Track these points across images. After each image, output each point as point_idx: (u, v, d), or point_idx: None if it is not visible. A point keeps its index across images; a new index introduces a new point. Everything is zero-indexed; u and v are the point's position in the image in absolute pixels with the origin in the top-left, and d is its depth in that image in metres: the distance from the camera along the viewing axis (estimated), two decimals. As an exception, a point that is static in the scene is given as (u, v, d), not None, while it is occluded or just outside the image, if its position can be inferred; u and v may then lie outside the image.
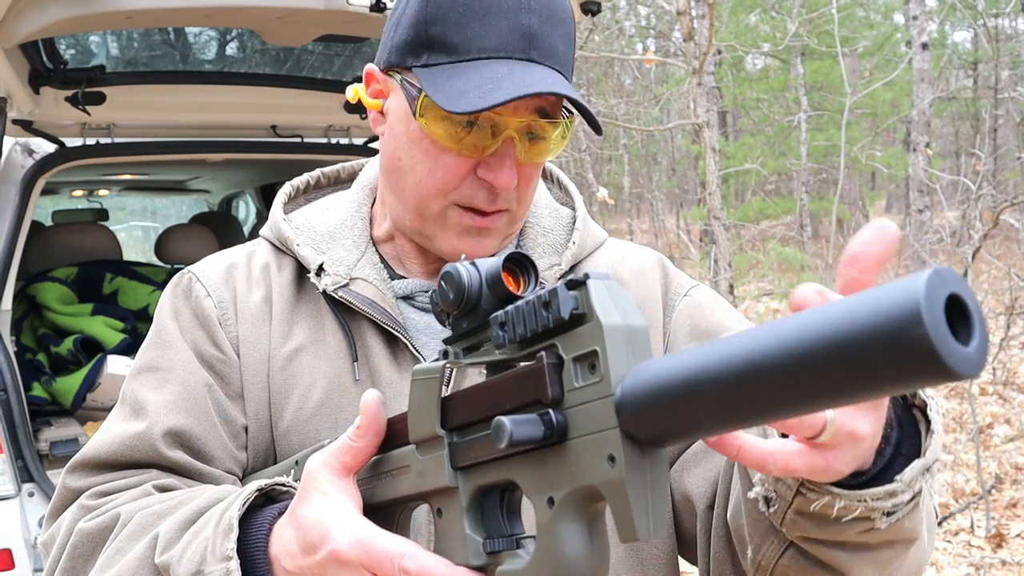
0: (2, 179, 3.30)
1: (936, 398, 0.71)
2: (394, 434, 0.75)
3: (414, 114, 0.93)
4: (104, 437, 0.98)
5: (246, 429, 1.00)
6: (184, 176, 5.36)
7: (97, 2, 2.17)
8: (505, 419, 0.57)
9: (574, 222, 1.10)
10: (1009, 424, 5.90)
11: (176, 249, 4.28)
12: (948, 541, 4.27)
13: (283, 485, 0.83)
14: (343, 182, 1.18)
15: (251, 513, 0.81)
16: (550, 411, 0.58)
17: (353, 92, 1.02)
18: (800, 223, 15.15)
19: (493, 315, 0.63)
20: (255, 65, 3.47)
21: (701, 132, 7.92)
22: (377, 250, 1.06)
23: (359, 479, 0.77)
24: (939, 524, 4.42)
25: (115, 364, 3.33)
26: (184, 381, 0.99)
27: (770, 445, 0.60)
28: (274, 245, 1.08)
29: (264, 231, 1.10)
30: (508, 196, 0.96)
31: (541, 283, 0.78)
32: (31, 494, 2.72)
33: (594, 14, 2.66)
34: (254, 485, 0.82)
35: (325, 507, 0.73)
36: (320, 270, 1.01)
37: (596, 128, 0.93)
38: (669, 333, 1.04)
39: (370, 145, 3.81)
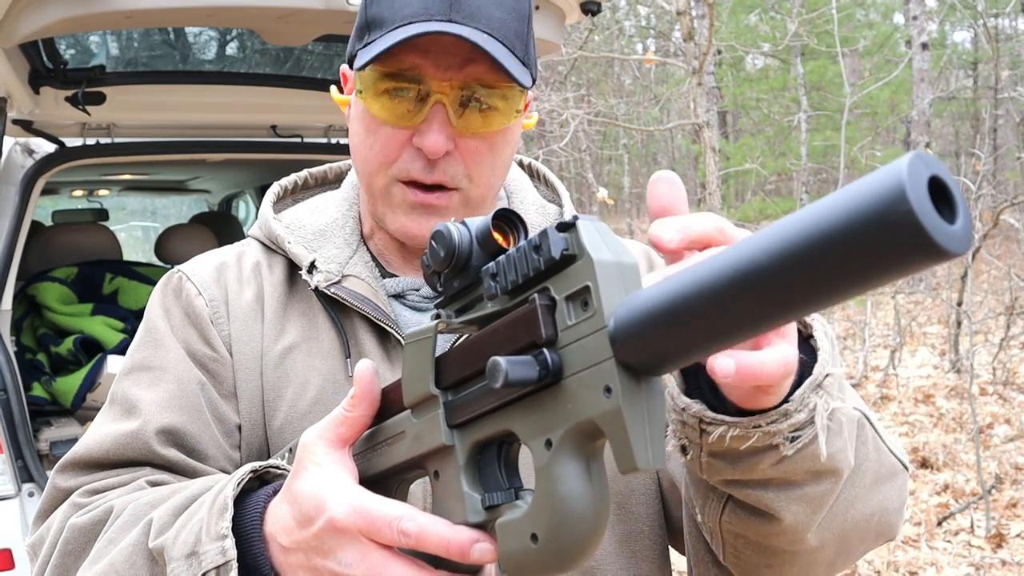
0: (2, 179, 3.30)
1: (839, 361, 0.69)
2: (388, 404, 0.74)
3: (356, 92, 0.95)
4: (95, 436, 0.96)
5: (239, 428, 0.99)
6: (184, 176, 5.36)
7: (97, 2, 2.17)
8: (500, 359, 0.55)
9: (561, 217, 1.08)
10: (1009, 424, 5.90)
11: (176, 249, 4.27)
12: (948, 541, 4.27)
13: (277, 467, 0.82)
14: (330, 183, 1.18)
15: (246, 495, 0.80)
16: (544, 351, 0.57)
17: (332, 95, 1.04)
18: (800, 223, 15.15)
19: (484, 267, 0.62)
20: (255, 65, 3.47)
21: (701, 132, 7.92)
22: (368, 248, 1.06)
23: (355, 453, 0.76)
24: (939, 524, 4.42)
25: (115, 364, 3.33)
26: (177, 380, 0.98)
27: (755, 354, 0.59)
28: (264, 244, 1.08)
29: (254, 230, 1.10)
30: (453, 172, 0.95)
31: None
32: (31, 494, 2.72)
33: (594, 14, 2.66)
34: (248, 467, 0.81)
35: (320, 478, 0.71)
36: (312, 267, 1.01)
37: (521, 82, 0.91)
38: None
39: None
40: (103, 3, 2.18)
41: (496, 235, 0.63)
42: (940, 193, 0.41)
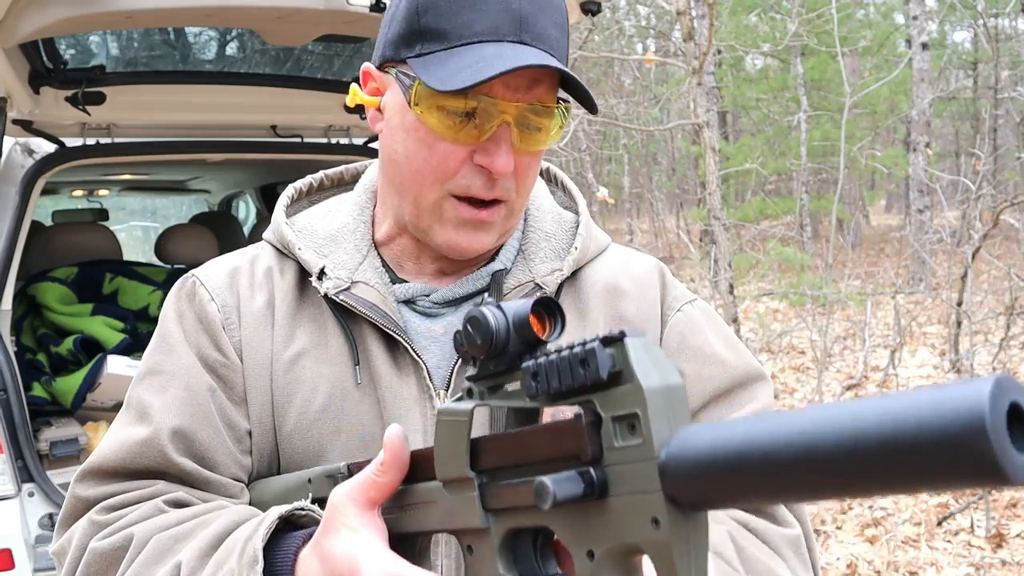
0: (2, 179, 3.29)
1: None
2: (417, 466, 0.75)
3: (409, 104, 0.93)
4: (111, 443, 0.98)
5: (250, 434, 1.01)
6: (184, 176, 5.36)
7: (97, 2, 2.17)
8: (547, 480, 0.57)
9: (577, 226, 1.09)
10: (1009, 424, 5.91)
11: (176, 249, 4.27)
12: (948, 541, 4.27)
13: (302, 509, 0.84)
14: (346, 184, 1.18)
15: (273, 538, 0.82)
16: (590, 469, 0.58)
17: (352, 93, 1.02)
18: (800, 223, 15.15)
19: (525, 364, 0.63)
20: (255, 65, 3.47)
21: (701, 132, 7.92)
22: (379, 253, 1.06)
23: (383, 507, 0.78)
24: (939, 524, 4.42)
25: (115, 364, 3.33)
26: (187, 386, 0.99)
27: None
28: (277, 248, 1.08)
29: (267, 234, 1.10)
30: (506, 185, 0.95)
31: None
32: (31, 494, 2.72)
33: (594, 14, 2.66)
34: (275, 512, 0.83)
35: (353, 541, 0.74)
36: (322, 274, 1.01)
37: (592, 108, 0.92)
38: (662, 346, 1.05)
39: (370, 145, 3.80)
40: (103, 3, 2.18)
41: (534, 323, 0.64)
42: (1017, 417, 0.41)
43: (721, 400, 1.03)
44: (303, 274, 1.05)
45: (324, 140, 3.76)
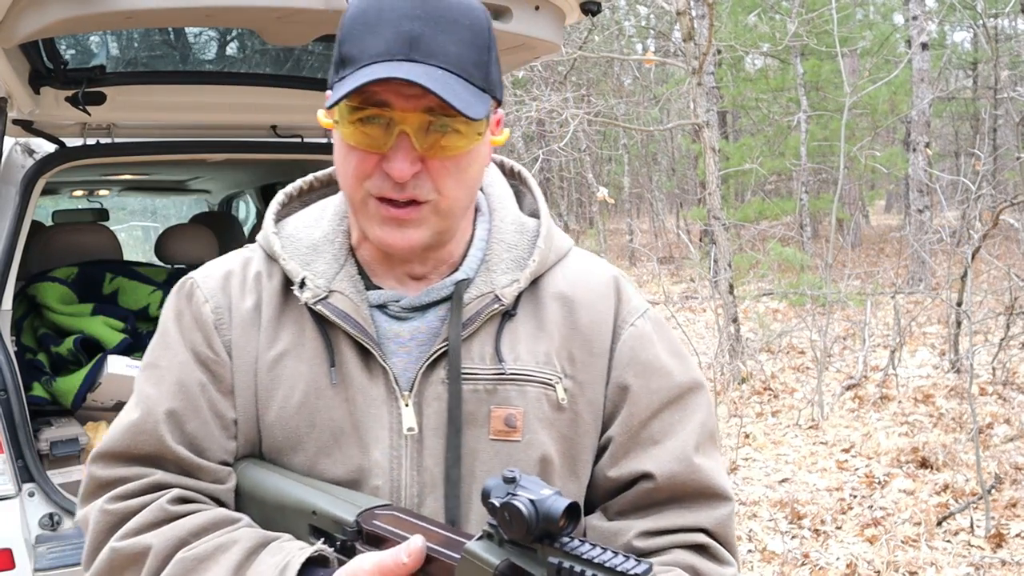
0: (2, 179, 3.29)
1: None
2: (436, 568, 0.93)
3: (335, 123, 1.05)
4: (117, 428, 1.12)
5: (235, 422, 1.13)
6: (184, 176, 5.36)
7: (97, 2, 2.17)
8: None
9: (538, 235, 1.17)
10: (1009, 424, 5.90)
11: (176, 249, 4.27)
12: (948, 541, 4.27)
13: (323, 551, 1.00)
14: (334, 183, 1.26)
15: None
16: None
17: (319, 118, 1.11)
18: (800, 223, 15.15)
19: (550, 560, 0.81)
20: (255, 65, 3.47)
21: (701, 132, 7.92)
22: (356, 260, 1.16)
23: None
24: (939, 524, 4.42)
25: (115, 364, 3.33)
26: (179, 380, 1.12)
27: None
28: (266, 253, 1.19)
29: (259, 238, 1.20)
30: (422, 188, 1.04)
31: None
32: (31, 494, 2.72)
33: (594, 14, 2.66)
34: (299, 558, 0.98)
35: None
36: (302, 283, 1.12)
37: (468, 115, 0.99)
38: (613, 358, 1.15)
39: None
40: (103, 3, 2.18)
41: (561, 521, 0.81)
42: None
43: (668, 408, 1.14)
44: (287, 280, 1.15)
45: (324, 140, 3.76)
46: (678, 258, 16.52)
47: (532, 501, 0.81)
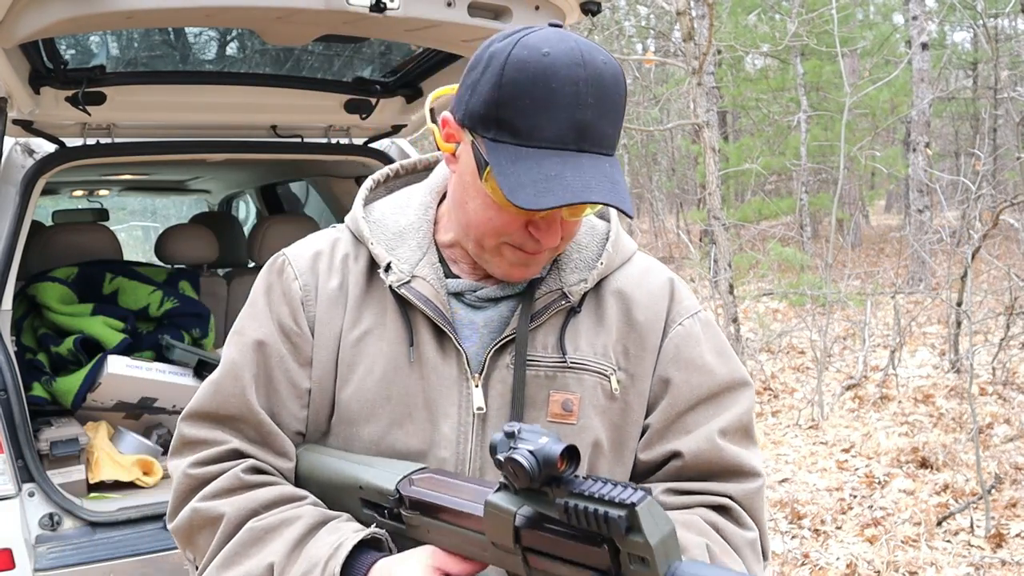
0: (2, 179, 3.29)
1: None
2: (466, 519, 1.02)
3: (480, 177, 1.11)
4: (207, 391, 1.22)
5: (309, 392, 1.22)
6: (184, 176, 5.36)
7: (97, 2, 2.17)
8: None
9: (607, 240, 1.27)
10: (1009, 424, 5.90)
11: (176, 249, 4.26)
12: (948, 541, 4.27)
13: (376, 535, 1.10)
14: (419, 172, 1.38)
15: (353, 552, 1.07)
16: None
17: (436, 137, 1.18)
18: (800, 223, 15.15)
19: (557, 500, 0.88)
20: (255, 65, 3.46)
21: (701, 132, 7.92)
22: (438, 249, 1.26)
23: (423, 514, 1.07)
24: (939, 524, 4.42)
25: (115, 364, 3.33)
26: (262, 350, 1.22)
27: None
28: (354, 235, 1.28)
29: (348, 220, 1.30)
30: (555, 241, 1.14)
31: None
32: (31, 494, 2.72)
33: (594, 14, 2.66)
34: (352, 540, 1.06)
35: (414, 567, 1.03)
36: (388, 267, 1.21)
37: (627, 215, 1.08)
38: (661, 353, 1.24)
39: (370, 145, 3.80)
40: (103, 3, 2.18)
41: (560, 464, 0.88)
42: None
43: (705, 403, 1.23)
44: (373, 263, 1.24)
45: (324, 140, 3.75)
46: (678, 258, 16.51)
47: (531, 451, 0.88)
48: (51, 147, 3.28)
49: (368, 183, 1.34)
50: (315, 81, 3.40)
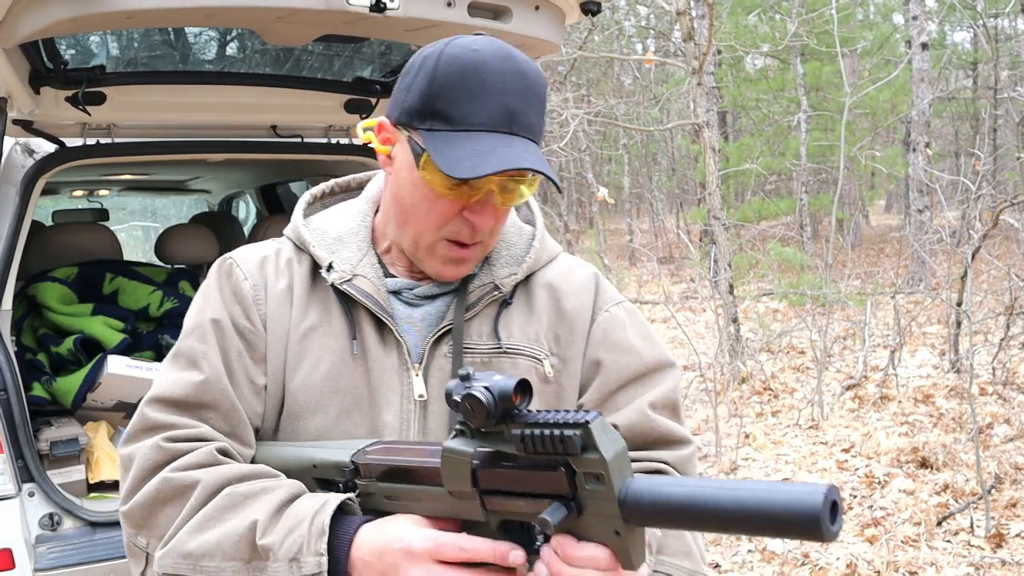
0: (2, 179, 3.29)
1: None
2: (425, 477, 1.04)
3: (417, 166, 1.17)
4: (172, 380, 1.22)
5: (265, 387, 1.26)
6: (184, 176, 5.36)
7: (97, 2, 2.17)
8: (546, 516, 0.89)
9: (533, 239, 1.35)
10: (1009, 424, 5.90)
11: (176, 249, 4.27)
12: (948, 541, 4.27)
13: (351, 498, 1.12)
14: (352, 190, 1.45)
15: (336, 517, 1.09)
16: (572, 501, 0.90)
17: (365, 136, 1.26)
18: (800, 223, 15.15)
19: (513, 432, 0.90)
20: (255, 65, 3.46)
21: (701, 132, 7.92)
22: (376, 253, 1.32)
23: (379, 480, 1.10)
24: (939, 524, 4.42)
25: (115, 364, 3.33)
26: (222, 345, 1.25)
27: None
28: (295, 244, 1.33)
29: (288, 231, 1.36)
30: (487, 232, 1.22)
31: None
32: (31, 494, 2.72)
33: (594, 14, 2.66)
34: (336, 499, 1.09)
35: (401, 524, 1.05)
36: (330, 267, 1.27)
37: (556, 187, 1.16)
38: (590, 337, 1.32)
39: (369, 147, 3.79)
40: (103, 3, 2.18)
41: (515, 397, 0.91)
42: (834, 507, 0.77)
43: (634, 382, 1.30)
44: (315, 266, 1.30)
45: (324, 140, 3.76)
46: (678, 258, 16.52)
47: (486, 387, 0.91)
48: (51, 147, 3.28)
49: (306, 197, 1.40)
50: (315, 81, 3.40)
